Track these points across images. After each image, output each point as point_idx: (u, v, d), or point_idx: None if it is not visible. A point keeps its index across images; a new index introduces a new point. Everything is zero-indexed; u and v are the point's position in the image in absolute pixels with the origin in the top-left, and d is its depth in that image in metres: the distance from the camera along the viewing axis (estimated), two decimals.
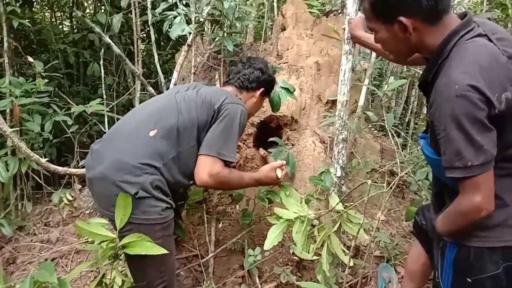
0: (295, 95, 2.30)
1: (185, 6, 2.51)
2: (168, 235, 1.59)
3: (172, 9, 2.48)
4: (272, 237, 1.64)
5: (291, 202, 1.78)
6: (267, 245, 1.62)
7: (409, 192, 3.10)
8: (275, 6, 3.52)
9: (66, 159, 3.67)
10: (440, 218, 1.23)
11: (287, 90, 2.21)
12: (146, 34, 4.46)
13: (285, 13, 3.15)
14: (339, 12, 3.10)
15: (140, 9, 3.50)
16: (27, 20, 3.21)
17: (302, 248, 1.64)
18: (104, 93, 3.41)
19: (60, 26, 4.68)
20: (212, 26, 2.88)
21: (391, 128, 2.32)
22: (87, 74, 3.93)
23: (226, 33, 2.62)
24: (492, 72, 1.02)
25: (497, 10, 3.57)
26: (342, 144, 2.06)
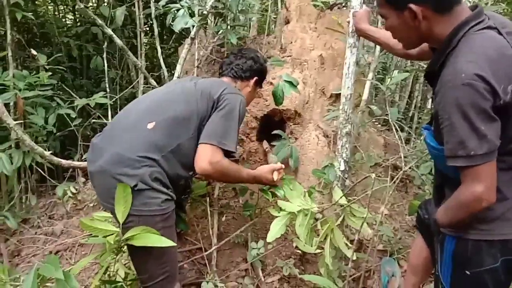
0: (298, 88, 2.29)
1: None
2: (168, 227, 1.59)
3: (175, 2, 2.47)
4: (275, 229, 1.63)
5: (294, 195, 1.78)
6: (270, 237, 1.61)
7: (412, 186, 3.10)
8: None
9: (70, 152, 3.68)
10: (441, 209, 1.23)
11: (290, 83, 2.21)
12: (149, 27, 4.44)
13: (289, 6, 3.13)
14: (343, 5, 3.08)
15: (143, 2, 3.48)
16: (30, 13, 3.21)
17: (305, 241, 1.64)
18: (107, 86, 3.41)
19: (63, 19, 4.67)
20: (215, 19, 2.87)
21: (394, 122, 2.31)
22: (90, 67, 3.94)
23: (229, 26, 2.60)
24: (499, 64, 1.02)
25: (502, 4, 3.53)
26: (346, 138, 2.05)
